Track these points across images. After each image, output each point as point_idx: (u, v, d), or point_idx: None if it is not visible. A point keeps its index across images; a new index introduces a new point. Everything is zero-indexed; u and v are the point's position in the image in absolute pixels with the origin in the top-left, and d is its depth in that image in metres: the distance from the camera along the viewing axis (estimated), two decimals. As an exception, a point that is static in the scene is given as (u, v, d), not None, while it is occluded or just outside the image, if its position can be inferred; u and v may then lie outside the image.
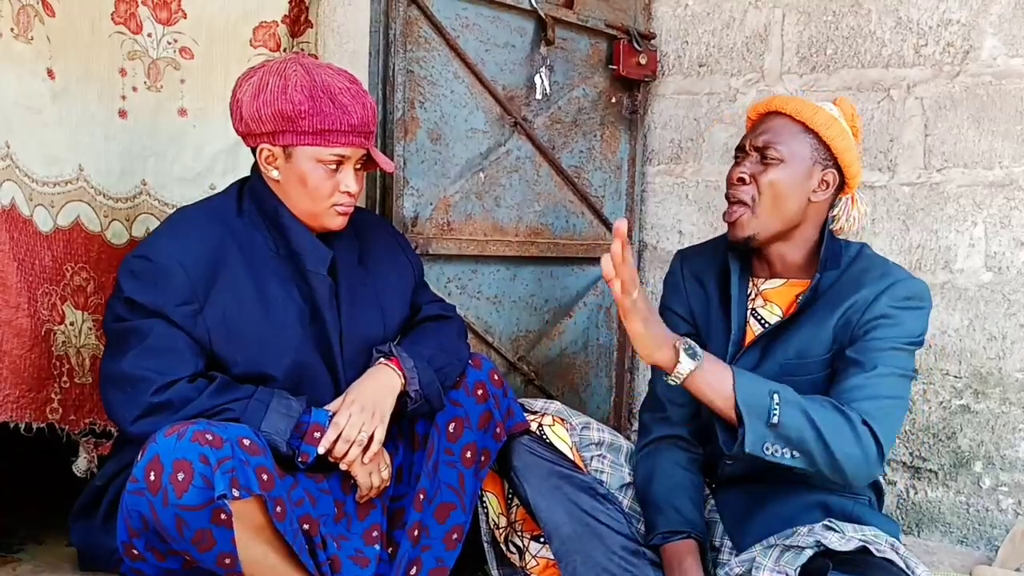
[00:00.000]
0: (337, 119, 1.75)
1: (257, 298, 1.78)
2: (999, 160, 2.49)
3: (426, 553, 1.86)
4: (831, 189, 1.90)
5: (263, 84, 1.75)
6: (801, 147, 1.87)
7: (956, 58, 2.54)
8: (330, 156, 1.77)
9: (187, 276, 1.71)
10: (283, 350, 1.79)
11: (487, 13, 2.50)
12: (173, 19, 2.24)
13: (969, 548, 2.54)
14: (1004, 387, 2.50)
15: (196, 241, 1.76)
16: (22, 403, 1.88)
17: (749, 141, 1.91)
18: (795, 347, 1.87)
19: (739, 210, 1.88)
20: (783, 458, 1.70)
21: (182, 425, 1.56)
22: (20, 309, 1.86)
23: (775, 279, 1.95)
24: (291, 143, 1.76)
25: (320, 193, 1.80)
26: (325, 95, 1.74)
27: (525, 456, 1.95)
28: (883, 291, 1.82)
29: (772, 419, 1.69)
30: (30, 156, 1.94)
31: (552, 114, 2.71)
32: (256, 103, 1.74)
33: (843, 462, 1.70)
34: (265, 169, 1.81)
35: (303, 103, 1.73)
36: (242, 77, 1.80)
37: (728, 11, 2.89)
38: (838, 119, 1.90)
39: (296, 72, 1.75)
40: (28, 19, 1.92)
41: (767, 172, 1.86)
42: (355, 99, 1.77)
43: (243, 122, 1.78)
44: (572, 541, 1.88)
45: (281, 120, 1.74)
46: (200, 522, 1.52)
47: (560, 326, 2.81)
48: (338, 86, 1.76)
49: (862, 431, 1.70)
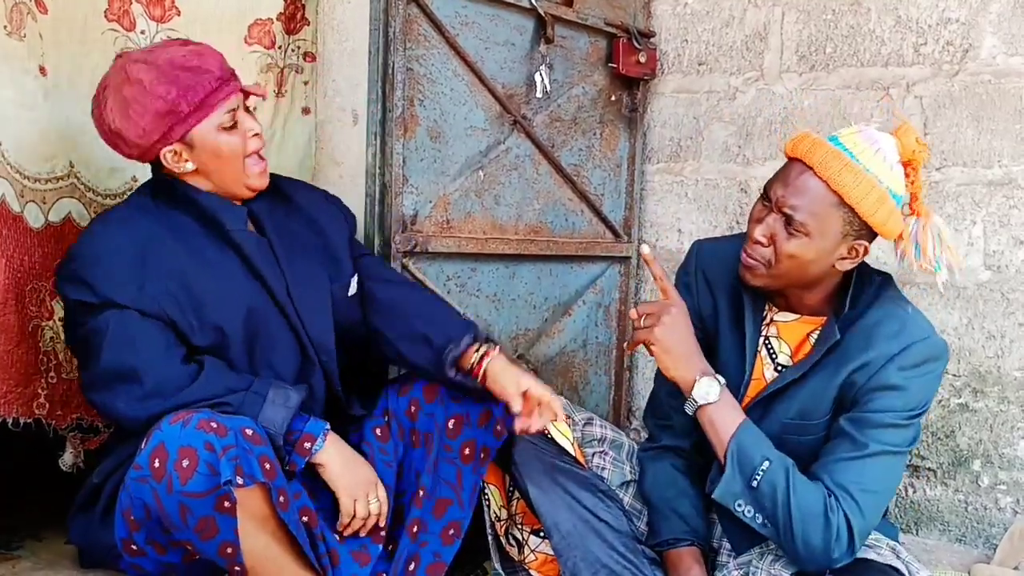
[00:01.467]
0: (203, 82, 1.76)
1: (197, 263, 1.79)
2: (998, 159, 2.50)
3: (424, 549, 1.87)
4: (861, 256, 1.73)
5: (123, 101, 1.74)
6: (833, 222, 1.68)
7: (955, 57, 2.54)
8: (223, 116, 1.79)
9: (117, 258, 1.72)
10: (235, 305, 1.80)
11: (487, 11, 2.49)
12: (167, 16, 2.25)
13: (967, 547, 2.54)
14: (1003, 386, 2.50)
15: (116, 228, 1.78)
16: (9, 398, 1.89)
17: (776, 195, 1.71)
18: (797, 407, 1.80)
19: (753, 264, 1.75)
20: (753, 520, 1.71)
21: (187, 413, 1.57)
22: (7, 305, 1.87)
23: (789, 312, 1.85)
24: (184, 131, 1.77)
25: (236, 152, 1.82)
26: (179, 69, 1.74)
27: (526, 451, 1.95)
28: (895, 356, 1.70)
29: (752, 481, 1.69)
30: (22, 152, 1.94)
31: (552, 112, 2.71)
32: (131, 120, 1.74)
33: (801, 550, 1.67)
34: (178, 168, 1.81)
35: (169, 90, 1.73)
36: (97, 109, 1.79)
37: (728, 9, 2.89)
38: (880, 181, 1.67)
39: (139, 71, 1.74)
40: (21, 16, 1.92)
41: (789, 241, 1.69)
42: (202, 56, 1.79)
43: (132, 144, 1.77)
44: (572, 537, 1.88)
45: (163, 118, 1.74)
46: (204, 509, 1.53)
47: (559, 324, 2.81)
48: (180, 54, 1.77)
49: (837, 534, 1.65)
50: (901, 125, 1.75)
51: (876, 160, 1.68)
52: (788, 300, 1.84)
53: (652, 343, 1.75)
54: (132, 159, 1.84)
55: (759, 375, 1.87)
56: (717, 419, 1.73)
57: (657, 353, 1.76)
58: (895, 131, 1.74)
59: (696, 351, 1.78)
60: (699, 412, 1.75)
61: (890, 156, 1.70)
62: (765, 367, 1.87)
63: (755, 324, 1.86)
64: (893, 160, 1.70)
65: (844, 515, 1.65)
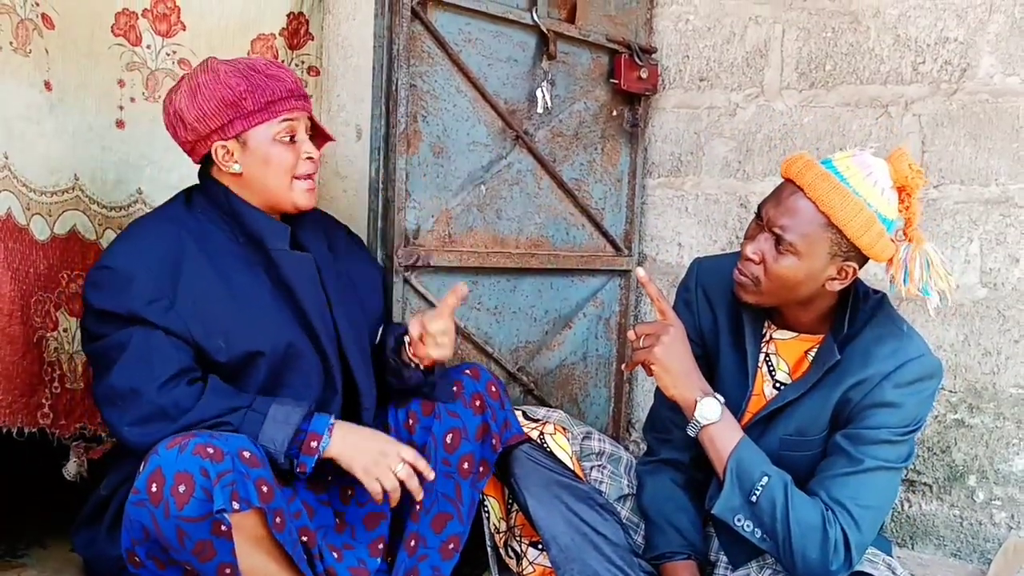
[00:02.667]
0: (275, 88, 1.82)
1: (224, 287, 1.80)
2: (995, 177, 2.51)
3: (423, 563, 1.88)
4: (850, 278, 1.76)
5: (195, 85, 1.81)
6: (821, 243, 1.70)
7: (953, 76, 2.56)
8: (282, 126, 1.83)
9: (150, 274, 1.74)
10: (263, 333, 1.81)
11: (490, 28, 2.52)
12: (172, 31, 2.28)
13: (962, 561, 2.56)
14: (998, 402, 2.52)
15: (153, 241, 1.79)
16: (14, 408, 1.92)
17: (767, 214, 1.75)
18: (795, 423, 1.83)
19: (744, 281, 1.79)
20: (752, 535, 1.73)
21: (184, 437, 1.58)
22: (13, 317, 1.89)
23: (787, 330, 1.88)
24: (243, 128, 1.81)
25: (285, 166, 1.85)
26: (255, 71, 1.82)
27: (525, 464, 1.97)
28: (890, 374, 1.73)
29: (752, 497, 1.71)
30: (28, 166, 1.97)
31: (553, 127, 2.74)
32: (196, 102, 1.80)
33: (799, 563, 1.70)
34: (225, 167, 1.84)
35: (240, 84, 1.80)
36: (169, 94, 1.86)
37: (729, 26, 2.92)
38: (868, 204, 1.69)
39: (218, 65, 1.83)
40: (27, 32, 1.95)
41: (778, 260, 1.73)
42: (281, 68, 1.86)
43: (190, 128, 1.82)
44: (569, 550, 1.90)
45: (226, 108, 1.79)
46: (200, 533, 1.54)
47: (560, 337, 2.83)
48: (261, 62, 1.85)
49: (835, 547, 1.68)
50: (895, 151, 1.77)
51: (866, 184, 1.71)
52: (785, 318, 1.86)
53: (652, 363, 1.78)
54: (185, 149, 1.87)
55: (759, 391, 1.90)
56: (717, 437, 1.76)
57: (657, 373, 1.79)
58: (889, 156, 1.76)
59: (695, 370, 1.81)
60: (701, 432, 1.78)
61: (882, 181, 1.72)
62: (765, 383, 1.90)
63: (755, 341, 1.88)
64: (885, 185, 1.72)
65: (841, 529, 1.68)
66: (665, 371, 1.78)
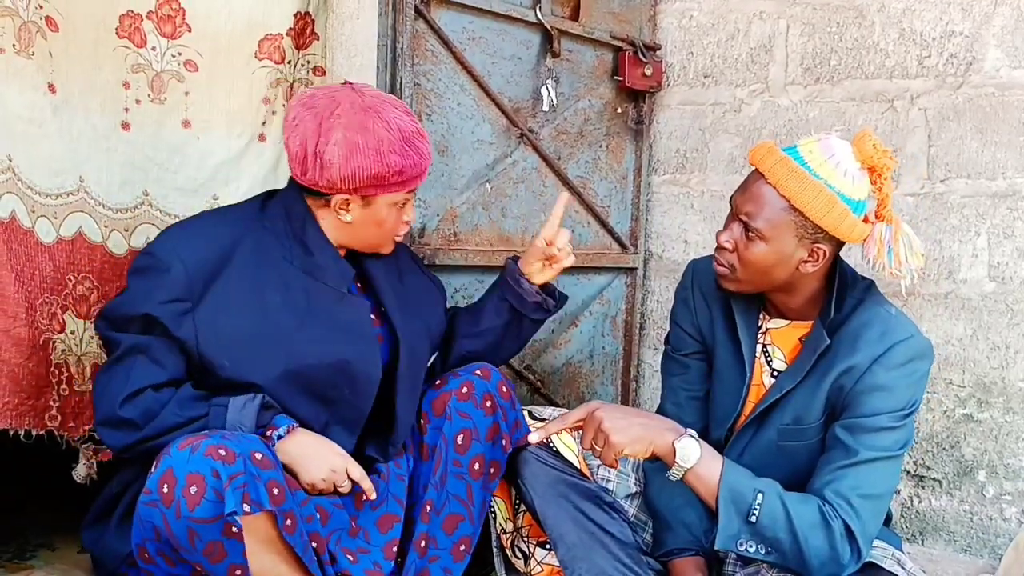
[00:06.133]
0: (417, 165, 1.82)
1: (255, 302, 1.78)
2: (1002, 171, 2.51)
3: (434, 564, 1.88)
4: (824, 259, 1.78)
5: (352, 145, 1.73)
6: (784, 226, 1.74)
7: (959, 69, 2.55)
8: (404, 196, 1.85)
9: (185, 272, 1.72)
10: (274, 359, 1.78)
11: (494, 26, 2.52)
12: (178, 33, 2.27)
13: (972, 557, 2.55)
14: (1007, 396, 2.51)
15: (203, 240, 1.78)
16: (21, 410, 1.91)
17: (736, 202, 1.80)
18: (792, 413, 1.83)
19: (722, 269, 1.83)
20: (756, 553, 1.71)
21: (196, 438, 1.58)
22: (18, 319, 1.89)
23: (780, 319, 1.90)
24: (375, 194, 1.81)
25: (390, 229, 1.88)
26: (409, 148, 1.79)
27: (532, 464, 1.96)
28: (879, 357, 1.74)
29: (751, 517, 1.69)
30: (32, 168, 1.96)
31: (558, 125, 2.73)
32: (350, 165, 1.74)
33: (812, 562, 1.69)
34: (338, 214, 1.83)
35: (397, 163, 1.77)
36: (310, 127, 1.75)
37: (733, 22, 2.91)
38: (829, 186, 1.72)
39: (378, 128, 1.75)
40: (30, 35, 1.95)
41: (748, 247, 1.77)
42: (423, 139, 1.84)
43: (326, 179, 1.76)
44: (577, 549, 1.89)
45: (373, 179, 1.77)
46: (212, 534, 1.54)
47: (566, 335, 2.83)
48: (410, 130, 1.80)
49: (841, 537, 1.67)
50: (860, 132, 1.79)
51: (827, 166, 1.73)
52: (775, 306, 1.89)
53: (619, 445, 1.69)
54: (306, 182, 1.81)
55: (758, 380, 1.92)
56: (703, 471, 1.71)
57: (626, 443, 1.70)
58: (854, 139, 1.79)
59: (647, 412, 1.81)
60: (686, 474, 1.72)
61: (845, 162, 1.75)
62: (763, 372, 1.91)
63: (750, 332, 1.90)
64: (849, 166, 1.75)
65: (843, 520, 1.68)
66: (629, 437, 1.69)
